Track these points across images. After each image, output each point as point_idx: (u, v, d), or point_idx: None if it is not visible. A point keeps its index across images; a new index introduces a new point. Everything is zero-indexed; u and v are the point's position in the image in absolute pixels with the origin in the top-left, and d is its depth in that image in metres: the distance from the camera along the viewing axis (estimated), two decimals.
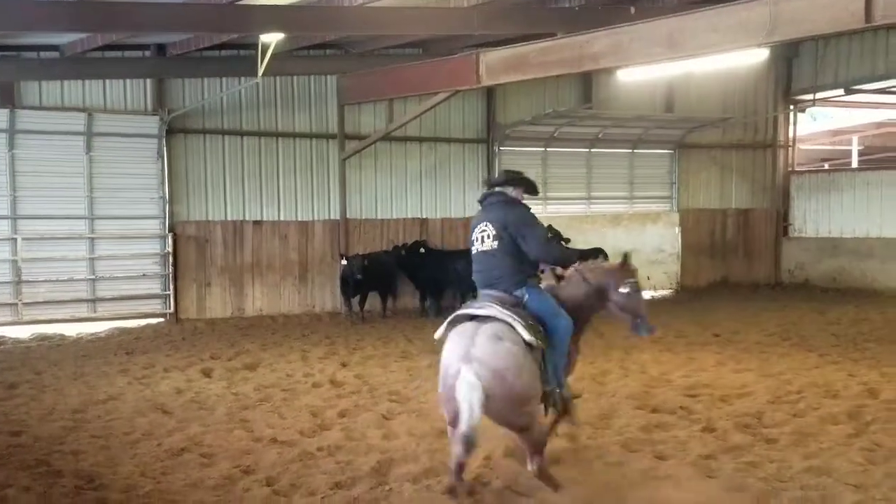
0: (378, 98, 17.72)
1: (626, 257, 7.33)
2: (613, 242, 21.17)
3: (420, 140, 19.39)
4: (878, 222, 21.76)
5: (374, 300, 17.93)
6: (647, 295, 20.98)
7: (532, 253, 6.85)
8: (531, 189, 7.24)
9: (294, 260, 18.32)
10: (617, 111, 20.43)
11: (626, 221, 21.62)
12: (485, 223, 6.95)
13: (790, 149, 23.83)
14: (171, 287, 17.13)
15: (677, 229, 22.21)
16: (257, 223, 17.97)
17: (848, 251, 22.28)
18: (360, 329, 16.38)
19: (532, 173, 20.71)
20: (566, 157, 21.02)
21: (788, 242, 23.55)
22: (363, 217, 18.85)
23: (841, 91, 22.42)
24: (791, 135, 23.76)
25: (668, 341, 14.20)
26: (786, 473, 7.12)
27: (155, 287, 17.17)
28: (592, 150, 21.23)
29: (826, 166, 27.60)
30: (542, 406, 6.81)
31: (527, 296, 6.81)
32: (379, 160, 18.95)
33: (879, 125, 27.49)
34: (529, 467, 6.64)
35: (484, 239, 6.92)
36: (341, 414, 9.51)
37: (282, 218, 18.21)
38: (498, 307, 6.61)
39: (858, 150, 28.15)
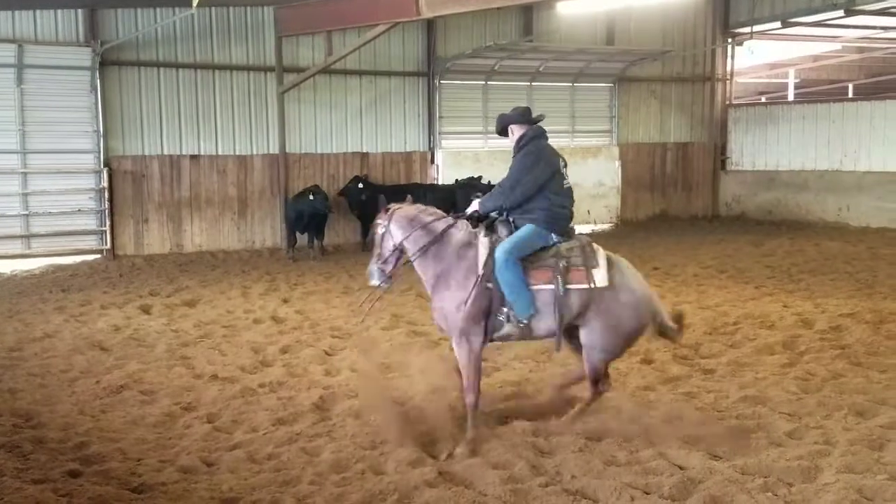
0: (316, 30, 17.26)
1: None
2: None
3: (360, 73, 19.05)
4: (813, 155, 22.14)
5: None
6: (587, 229, 21.30)
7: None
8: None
9: (233, 195, 18.02)
10: (557, 44, 20.30)
11: (568, 156, 21.41)
12: (559, 158, 6.85)
13: (728, 82, 24.02)
14: (108, 223, 16.73)
15: (617, 163, 22.34)
16: (195, 157, 17.58)
17: (783, 184, 22.68)
18: (302, 265, 16.26)
19: (472, 107, 20.90)
20: (507, 91, 20.85)
21: (726, 176, 23.87)
22: (303, 151, 18.55)
23: (778, 24, 22.55)
24: (729, 68, 23.92)
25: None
26: (722, 403, 7.29)
27: (91, 223, 16.76)
28: (533, 83, 21.11)
29: (763, 99, 27.89)
30: None
31: None
32: (318, 94, 18.59)
33: (815, 58, 27.79)
34: (601, 387, 6.74)
35: (566, 175, 6.87)
36: (283, 350, 9.47)
37: (220, 152, 17.84)
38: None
39: (795, 84, 28.48)
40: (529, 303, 6.42)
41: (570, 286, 6.44)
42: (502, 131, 7.12)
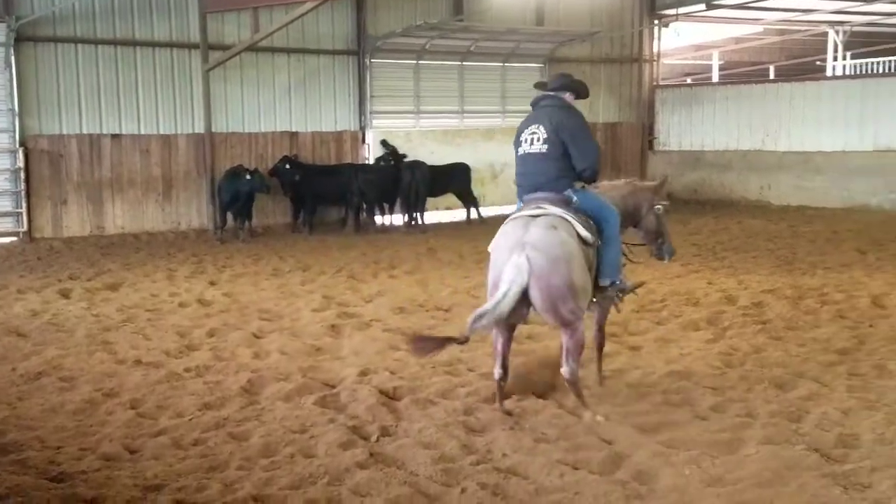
0: (242, 6, 16.92)
1: (664, 180, 7.53)
2: (486, 157, 21.32)
3: (288, 51, 18.75)
4: (736, 135, 22.60)
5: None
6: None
7: (580, 164, 6.62)
8: (583, 93, 7.04)
9: (157, 175, 17.60)
10: (488, 24, 20.30)
11: (500, 135, 21.69)
12: (536, 125, 6.70)
13: (655, 63, 24.33)
14: (24, 204, 16.22)
15: None
16: (116, 137, 17.11)
17: (708, 164, 23.11)
18: (230, 247, 16.00)
19: (404, 87, 20.82)
20: (438, 71, 20.81)
21: (654, 156, 24.22)
22: (230, 130, 18.21)
23: (702, 6, 22.93)
24: (656, 49, 24.23)
25: None
26: (649, 379, 7.39)
27: (6, 205, 16.24)
28: (464, 63, 21.07)
29: (689, 80, 28.33)
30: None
31: (574, 197, 6.62)
32: (245, 72, 18.25)
33: (738, 40, 28.33)
34: (563, 368, 6.41)
35: (533, 141, 6.67)
36: (210, 333, 9.29)
37: (142, 131, 17.40)
38: (550, 206, 6.47)
39: (719, 65, 28.99)
40: None
41: None
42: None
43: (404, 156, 18.44)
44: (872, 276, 11.84)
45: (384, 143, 19.09)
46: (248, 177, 16.36)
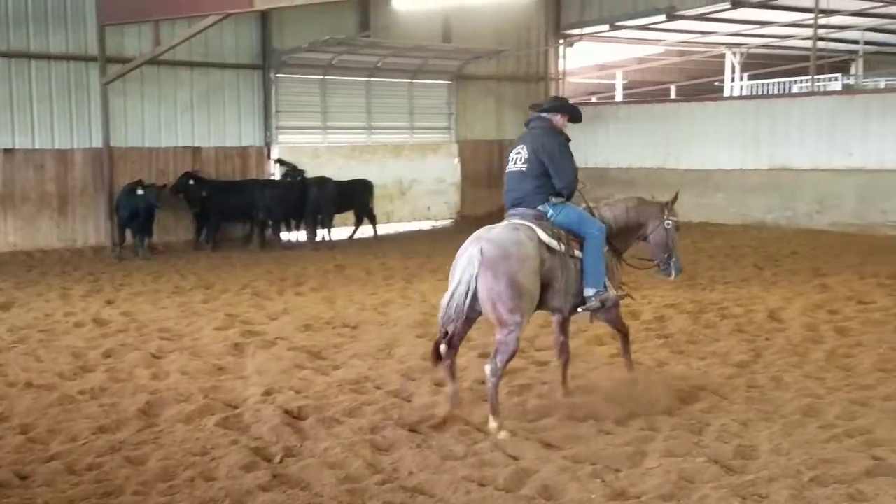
0: (143, 19, 16.49)
1: (675, 195, 7.77)
2: (395, 173, 21.31)
3: (191, 65, 18.38)
4: (640, 153, 23.09)
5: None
6: (427, 225, 21.44)
7: (558, 183, 7.08)
8: (576, 116, 7.46)
9: (52, 191, 16.98)
10: (395, 40, 20.30)
11: (407, 152, 21.74)
12: (521, 146, 7.20)
13: (560, 82, 24.74)
14: None
15: (456, 160, 22.60)
16: (8, 151, 16.46)
17: (613, 181, 23.46)
18: (129, 264, 15.55)
19: (310, 102, 20.62)
20: (345, 86, 20.71)
21: None
22: (129, 145, 17.70)
23: (606, 27, 23.47)
24: (561, 68, 24.64)
25: (448, 271, 14.39)
26: (556, 394, 7.43)
27: None
28: (372, 79, 21.02)
29: (593, 99, 28.90)
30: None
31: (551, 210, 7.02)
32: (146, 86, 17.80)
33: (641, 60, 29.07)
34: (486, 366, 6.56)
35: (517, 160, 7.17)
36: (106, 354, 8.98)
37: (37, 146, 16.77)
38: (522, 220, 6.91)
39: (622, 84, 29.67)
40: None
41: None
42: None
43: (303, 171, 18.24)
44: (769, 290, 12.22)
45: (280, 161, 18.79)
46: (139, 191, 15.92)
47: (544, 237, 6.72)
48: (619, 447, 6.10)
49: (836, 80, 25.38)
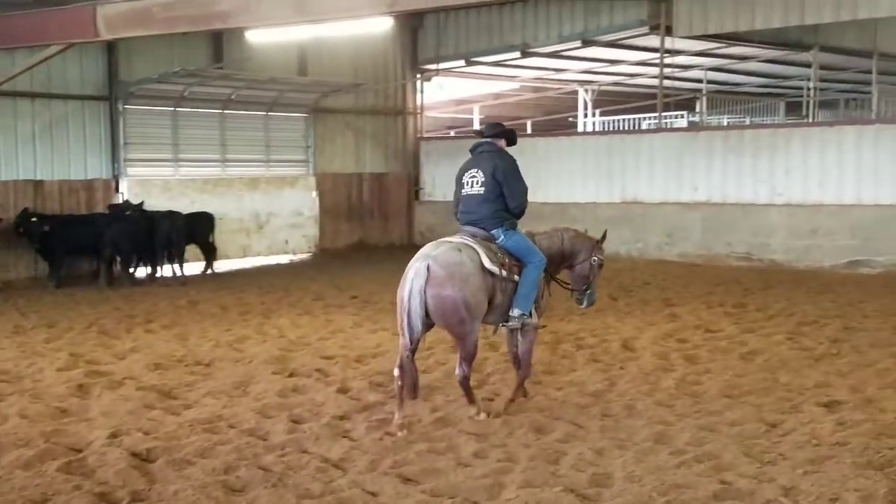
0: None
1: (604, 234, 8.53)
2: (251, 206, 20.93)
3: (32, 96, 17.50)
4: None
5: None
6: (286, 259, 21.10)
7: (511, 202, 7.72)
8: (512, 139, 8.20)
9: None
10: (249, 73, 20.00)
11: (264, 185, 21.38)
12: (476, 169, 7.87)
13: (419, 116, 24.97)
14: None
15: (314, 193, 22.39)
16: None
17: None
18: None
19: (161, 134, 19.99)
20: (198, 118, 20.21)
21: (420, 206, 24.67)
22: None
23: (462, 62, 23.88)
24: (419, 102, 24.89)
25: (307, 304, 14.24)
26: (416, 428, 7.37)
27: None
28: (226, 111, 20.60)
29: (452, 133, 29.29)
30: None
31: (501, 236, 7.65)
32: None
33: (497, 96, 29.70)
34: (456, 371, 7.52)
35: (473, 184, 7.83)
36: None
37: None
38: (468, 238, 7.54)
39: (479, 119, 30.20)
40: None
41: None
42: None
43: (141, 204, 17.61)
44: (623, 320, 12.56)
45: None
46: None
47: (486, 262, 7.30)
48: (477, 479, 6.06)
49: (682, 117, 26.55)
